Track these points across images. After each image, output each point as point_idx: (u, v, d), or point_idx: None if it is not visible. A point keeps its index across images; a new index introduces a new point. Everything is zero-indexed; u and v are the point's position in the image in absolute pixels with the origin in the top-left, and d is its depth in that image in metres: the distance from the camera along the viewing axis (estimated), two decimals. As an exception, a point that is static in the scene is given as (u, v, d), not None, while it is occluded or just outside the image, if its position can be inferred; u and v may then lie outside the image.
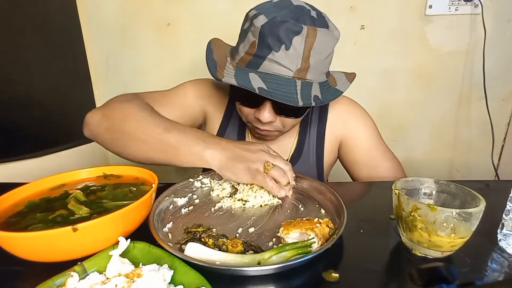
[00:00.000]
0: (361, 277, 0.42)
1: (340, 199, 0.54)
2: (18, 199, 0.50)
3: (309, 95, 0.62)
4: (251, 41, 0.62)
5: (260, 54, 0.61)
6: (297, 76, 0.61)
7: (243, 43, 0.65)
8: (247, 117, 0.71)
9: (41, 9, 1.07)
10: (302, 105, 0.60)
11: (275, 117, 0.67)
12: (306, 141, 0.83)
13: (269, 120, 0.66)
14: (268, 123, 0.68)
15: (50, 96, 1.11)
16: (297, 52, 0.59)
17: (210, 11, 1.25)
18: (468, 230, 0.42)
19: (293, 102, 0.59)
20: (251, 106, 0.69)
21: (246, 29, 0.64)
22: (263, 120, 0.66)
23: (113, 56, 1.33)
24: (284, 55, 0.59)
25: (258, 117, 0.67)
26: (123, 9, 1.26)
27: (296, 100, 0.59)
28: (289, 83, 0.61)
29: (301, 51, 0.59)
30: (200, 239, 0.46)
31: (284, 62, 0.60)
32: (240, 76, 0.61)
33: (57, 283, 0.37)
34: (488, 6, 1.22)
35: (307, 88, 0.62)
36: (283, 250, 0.42)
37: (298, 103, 0.59)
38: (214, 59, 0.66)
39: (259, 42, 0.61)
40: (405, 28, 1.27)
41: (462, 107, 1.38)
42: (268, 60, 0.60)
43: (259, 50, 0.61)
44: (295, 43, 0.59)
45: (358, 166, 0.83)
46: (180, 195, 0.60)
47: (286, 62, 0.60)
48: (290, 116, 0.69)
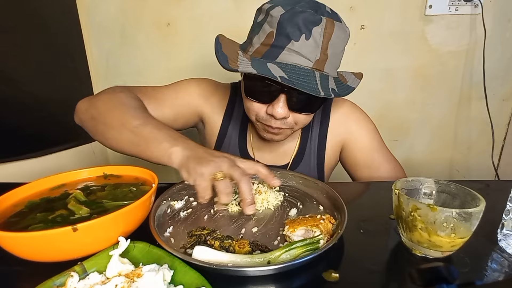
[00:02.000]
0: (361, 277, 0.42)
1: (340, 199, 0.54)
2: (18, 199, 0.50)
3: (327, 87, 0.60)
4: (268, 31, 0.60)
5: (278, 44, 0.59)
6: (316, 67, 0.60)
7: (257, 35, 0.63)
8: (257, 114, 0.68)
9: (41, 9, 1.07)
10: (323, 96, 0.58)
11: (288, 112, 0.64)
12: (308, 144, 0.82)
13: (283, 115, 0.63)
14: (281, 120, 0.65)
15: (50, 96, 1.11)
16: (316, 43, 0.58)
17: (210, 11, 1.25)
18: (468, 230, 0.42)
19: (315, 92, 0.57)
20: (263, 101, 0.66)
21: (260, 21, 0.63)
22: (277, 116, 0.63)
23: (113, 56, 1.33)
24: (304, 45, 0.58)
25: (271, 113, 0.64)
26: (123, 9, 1.26)
27: (318, 90, 0.58)
28: (308, 73, 0.59)
29: (320, 42, 0.58)
30: (205, 242, 0.46)
31: (303, 52, 0.58)
32: (258, 66, 0.58)
33: (57, 283, 0.37)
34: (488, 6, 1.22)
35: (325, 80, 0.60)
36: (292, 248, 0.43)
37: (320, 93, 0.57)
38: (224, 52, 0.63)
39: (277, 32, 0.59)
40: (405, 28, 1.27)
41: (462, 107, 1.38)
42: (287, 50, 0.58)
43: (277, 40, 0.59)
44: (314, 33, 0.57)
45: (359, 168, 0.83)
46: (177, 198, 0.59)
47: (306, 52, 0.58)
48: (304, 111, 0.67)
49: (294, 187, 0.65)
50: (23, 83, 1.03)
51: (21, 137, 1.05)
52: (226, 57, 0.62)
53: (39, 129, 1.10)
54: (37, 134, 1.10)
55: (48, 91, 1.10)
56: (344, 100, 0.86)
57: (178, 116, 0.78)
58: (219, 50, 0.63)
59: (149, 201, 0.49)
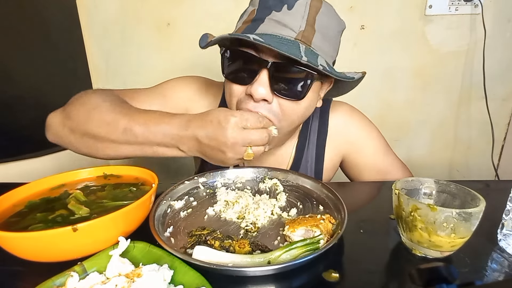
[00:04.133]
0: (361, 277, 0.42)
1: (340, 199, 0.54)
2: (18, 199, 0.50)
3: (315, 60, 0.53)
4: (250, 11, 0.58)
5: (259, 17, 0.56)
6: (301, 39, 0.54)
7: (240, 19, 0.61)
8: (237, 99, 0.61)
9: (41, 9, 1.07)
10: (306, 62, 0.51)
11: (270, 95, 0.56)
12: (304, 157, 0.76)
13: (263, 95, 0.55)
14: (263, 103, 0.57)
15: (50, 96, 1.11)
16: (300, 14, 0.54)
17: (210, 11, 1.25)
18: (468, 230, 0.42)
19: (296, 55, 0.50)
20: (244, 82, 0.58)
21: (245, 9, 0.62)
22: (256, 95, 0.55)
23: (113, 56, 1.33)
24: (286, 14, 0.54)
25: (250, 92, 0.56)
26: (123, 9, 1.26)
27: (300, 55, 0.51)
28: (290, 43, 0.53)
29: (305, 14, 0.55)
30: (205, 242, 0.46)
31: (286, 21, 0.54)
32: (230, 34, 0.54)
33: (57, 283, 0.37)
34: (488, 6, 1.22)
35: (312, 55, 0.54)
36: (292, 248, 0.43)
37: (302, 57, 0.51)
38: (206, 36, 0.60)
39: (259, 7, 0.56)
40: (405, 28, 1.27)
41: (462, 107, 1.38)
42: (267, 20, 0.55)
43: (258, 14, 0.56)
44: (298, 5, 0.54)
45: (365, 177, 0.78)
46: (177, 198, 0.59)
47: (288, 21, 0.54)
48: (289, 96, 0.58)
49: (294, 187, 0.64)
50: (23, 83, 1.03)
51: (21, 137, 1.05)
52: (206, 38, 0.59)
53: (39, 129, 1.09)
54: (37, 134, 1.09)
55: (48, 91, 1.10)
56: (343, 104, 0.80)
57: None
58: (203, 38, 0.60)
59: (149, 201, 0.49)
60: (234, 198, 0.59)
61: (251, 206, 0.57)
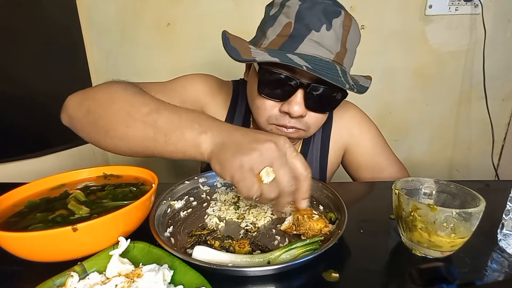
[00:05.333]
0: (361, 277, 0.42)
1: (340, 199, 0.54)
2: (18, 199, 0.50)
3: (348, 81, 0.57)
4: (285, 22, 0.57)
5: (298, 34, 0.56)
6: (336, 60, 0.57)
7: (271, 27, 0.59)
8: (270, 114, 0.63)
9: (41, 9, 1.07)
10: (347, 88, 0.55)
11: (305, 110, 0.60)
12: (310, 150, 0.80)
13: (300, 113, 0.59)
14: (297, 119, 0.61)
15: (50, 96, 1.11)
16: (336, 35, 0.56)
17: (210, 11, 1.25)
18: (468, 230, 0.42)
19: (341, 84, 0.54)
20: (279, 99, 0.61)
21: (274, 14, 0.60)
22: (294, 114, 0.59)
23: (113, 56, 1.33)
24: (325, 36, 0.55)
25: (287, 110, 0.59)
26: (123, 9, 1.26)
27: (343, 82, 0.54)
28: (330, 66, 0.55)
29: (340, 35, 0.57)
30: (205, 242, 0.46)
31: (325, 43, 0.56)
32: (278, 55, 0.53)
33: (57, 283, 0.37)
34: (488, 6, 1.22)
35: (345, 75, 0.58)
36: (292, 248, 0.43)
37: (345, 85, 0.54)
38: (233, 46, 0.57)
39: (296, 22, 0.56)
40: (405, 28, 1.27)
41: (462, 107, 1.38)
42: (307, 40, 0.55)
43: (296, 30, 0.56)
44: (335, 24, 0.56)
45: (363, 171, 0.81)
46: (177, 198, 0.59)
47: (327, 44, 0.56)
48: (321, 110, 0.63)
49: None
50: (23, 83, 1.03)
51: (21, 137, 1.05)
52: (237, 50, 0.56)
53: (39, 129, 1.10)
54: (37, 134, 1.10)
55: (48, 91, 1.10)
56: (346, 102, 0.84)
57: None
58: (228, 44, 0.57)
59: (149, 201, 0.49)
60: (234, 198, 0.59)
61: (251, 206, 0.57)
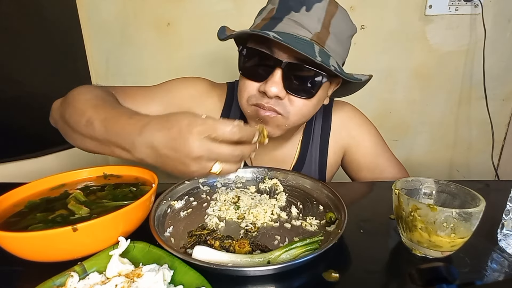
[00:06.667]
0: (361, 277, 0.42)
1: (340, 199, 0.54)
2: (18, 199, 0.50)
3: (327, 61, 0.56)
4: (270, 9, 0.60)
5: (278, 15, 0.58)
6: (316, 40, 0.57)
7: (259, 15, 0.63)
8: (250, 94, 0.62)
9: (41, 9, 1.07)
10: (320, 62, 0.54)
11: (283, 92, 0.59)
12: (309, 152, 0.79)
13: (276, 92, 0.58)
14: (275, 100, 0.60)
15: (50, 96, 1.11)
16: (317, 16, 0.57)
17: (210, 11, 1.25)
18: (468, 230, 0.42)
19: (311, 55, 0.53)
20: (258, 79, 0.61)
21: (264, 6, 0.64)
22: (269, 93, 0.58)
23: (113, 56, 1.33)
24: (304, 16, 0.57)
25: (264, 89, 0.59)
26: (123, 9, 1.26)
27: (315, 54, 0.54)
28: (306, 43, 0.56)
29: (321, 17, 0.58)
30: (205, 242, 0.46)
31: (303, 22, 0.57)
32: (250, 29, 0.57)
33: (57, 283, 0.37)
34: (488, 6, 1.22)
35: (325, 56, 0.57)
36: (292, 248, 0.43)
37: (316, 57, 0.54)
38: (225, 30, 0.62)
39: (279, 6, 0.59)
40: (405, 28, 1.27)
41: (462, 107, 1.38)
42: (286, 19, 0.57)
43: (277, 13, 0.59)
44: (316, 8, 0.57)
45: (363, 173, 0.81)
46: (177, 198, 0.59)
47: (306, 23, 0.57)
48: (301, 94, 0.60)
49: (294, 187, 0.65)
50: (23, 83, 1.03)
51: (21, 137, 1.05)
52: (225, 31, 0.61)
53: (39, 129, 1.09)
54: (37, 134, 1.09)
55: (48, 91, 1.09)
56: (345, 103, 0.84)
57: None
58: (222, 30, 0.61)
59: (149, 201, 0.49)
60: (234, 198, 0.60)
61: (251, 206, 0.57)
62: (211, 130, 0.42)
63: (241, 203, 0.58)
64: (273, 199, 0.59)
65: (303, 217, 0.54)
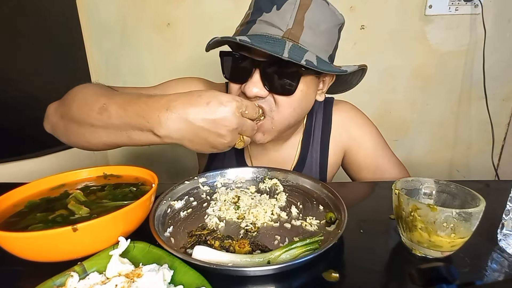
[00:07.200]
0: (361, 277, 0.42)
1: (340, 199, 0.54)
2: (18, 199, 0.50)
3: (300, 56, 0.56)
4: (246, 14, 0.62)
5: (251, 19, 0.60)
6: (288, 36, 0.58)
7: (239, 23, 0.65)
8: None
9: (41, 9, 1.07)
10: (287, 58, 0.54)
11: (264, 90, 0.60)
12: (309, 153, 0.79)
13: (256, 92, 0.59)
14: (257, 99, 0.61)
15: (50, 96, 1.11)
16: (289, 12, 0.57)
17: (210, 11, 1.25)
18: (468, 230, 0.42)
19: (275, 52, 0.53)
20: (239, 81, 0.62)
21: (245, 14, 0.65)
22: (250, 93, 0.59)
23: (113, 56, 1.33)
24: (275, 15, 0.57)
25: (244, 90, 0.60)
26: (123, 9, 1.26)
27: (281, 52, 0.54)
28: (277, 41, 0.56)
29: (293, 12, 0.57)
30: (205, 242, 0.46)
31: (274, 21, 0.57)
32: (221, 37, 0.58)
33: (57, 283, 0.37)
34: (488, 6, 1.22)
35: (299, 51, 0.57)
36: (292, 248, 0.43)
37: (283, 54, 0.54)
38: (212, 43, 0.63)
39: (253, 10, 0.60)
40: (405, 28, 1.27)
41: (462, 107, 1.38)
42: (258, 22, 0.59)
43: (252, 16, 0.60)
44: (286, 4, 0.58)
45: (364, 174, 0.80)
46: (177, 198, 0.59)
47: (276, 22, 0.57)
48: (281, 91, 0.60)
49: (294, 187, 0.65)
50: (23, 83, 1.03)
51: (21, 137, 1.05)
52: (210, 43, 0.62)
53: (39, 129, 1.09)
54: (37, 134, 1.09)
55: (48, 91, 1.09)
56: (345, 103, 0.84)
57: None
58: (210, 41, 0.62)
59: (149, 201, 0.49)
60: (234, 198, 0.60)
61: (251, 206, 0.57)
62: (245, 107, 0.51)
63: (241, 203, 0.58)
64: (273, 199, 0.59)
65: (303, 217, 0.54)
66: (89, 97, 0.54)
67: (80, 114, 0.54)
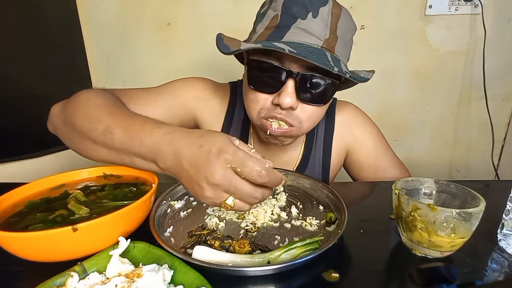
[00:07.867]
0: (361, 277, 0.42)
1: (340, 199, 0.54)
2: (18, 199, 0.50)
3: (340, 67, 0.55)
4: (272, 15, 0.57)
5: (284, 24, 0.56)
6: (326, 47, 0.56)
7: (260, 23, 0.60)
8: (261, 106, 0.61)
9: (41, 9, 1.07)
10: (336, 72, 0.53)
11: (296, 102, 0.58)
12: (312, 153, 0.79)
13: (290, 104, 0.57)
14: (288, 111, 0.59)
15: (50, 96, 1.11)
16: (324, 22, 0.55)
17: (210, 11, 1.25)
18: (468, 230, 0.42)
19: (328, 66, 0.52)
20: (269, 91, 0.59)
21: (264, 11, 0.61)
22: (284, 105, 0.57)
23: (113, 56, 1.33)
24: (312, 23, 0.55)
25: (277, 102, 0.58)
26: (123, 9, 1.26)
27: (331, 65, 0.53)
28: (319, 52, 0.54)
29: (328, 21, 0.56)
30: (205, 242, 0.46)
31: (312, 29, 0.55)
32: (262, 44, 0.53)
33: (57, 283, 0.37)
34: (488, 6, 1.22)
35: (337, 62, 0.56)
36: (292, 248, 0.43)
37: (333, 68, 0.53)
38: (226, 44, 0.57)
39: (282, 13, 0.56)
40: (405, 28, 1.27)
41: (462, 107, 1.38)
42: (293, 28, 0.55)
43: (282, 21, 0.56)
44: (322, 12, 0.55)
45: (365, 173, 0.81)
46: (177, 198, 0.59)
47: (314, 30, 0.55)
48: (314, 102, 0.60)
49: (294, 187, 0.65)
50: (23, 83, 1.03)
51: (21, 137, 1.05)
52: (227, 46, 0.56)
53: (39, 129, 1.09)
54: (37, 134, 1.09)
55: (48, 91, 1.10)
56: (348, 103, 0.84)
57: (171, 118, 0.71)
58: (221, 42, 0.57)
59: (149, 201, 0.49)
60: None
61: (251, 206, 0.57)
62: (240, 163, 0.39)
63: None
64: (273, 199, 0.59)
65: (303, 217, 0.54)
66: (92, 113, 0.52)
67: (83, 129, 0.52)
